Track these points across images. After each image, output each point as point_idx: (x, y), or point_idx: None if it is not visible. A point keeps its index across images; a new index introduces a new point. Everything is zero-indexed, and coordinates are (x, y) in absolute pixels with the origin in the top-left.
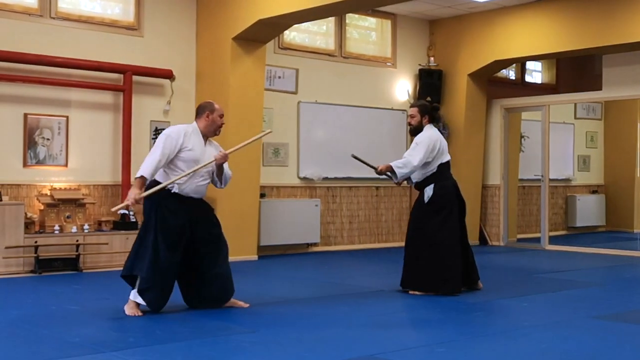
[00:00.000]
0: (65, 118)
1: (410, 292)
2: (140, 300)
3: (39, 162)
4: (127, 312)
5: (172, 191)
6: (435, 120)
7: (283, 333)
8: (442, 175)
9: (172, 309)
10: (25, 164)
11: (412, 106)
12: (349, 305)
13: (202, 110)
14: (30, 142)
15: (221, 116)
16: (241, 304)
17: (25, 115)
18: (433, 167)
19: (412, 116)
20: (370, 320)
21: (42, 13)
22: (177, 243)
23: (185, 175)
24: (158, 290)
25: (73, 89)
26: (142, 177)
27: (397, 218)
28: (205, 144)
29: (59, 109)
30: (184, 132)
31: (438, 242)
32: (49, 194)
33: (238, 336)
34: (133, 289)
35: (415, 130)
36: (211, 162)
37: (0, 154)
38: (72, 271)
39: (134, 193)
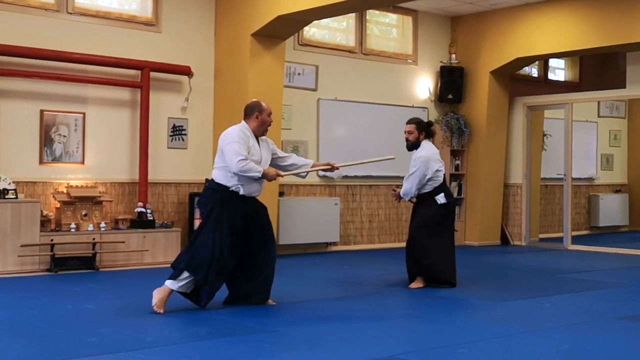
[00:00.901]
0: (82, 115)
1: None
2: (177, 287)
3: (55, 159)
4: (154, 299)
5: (240, 193)
6: (430, 135)
7: (303, 333)
8: (444, 183)
9: (190, 308)
10: (41, 161)
11: (409, 123)
12: (369, 305)
13: (250, 111)
14: (46, 139)
15: (270, 114)
16: (270, 302)
17: (42, 111)
18: (440, 178)
19: (409, 132)
20: (390, 321)
21: (59, 8)
22: (237, 245)
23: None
24: (212, 289)
25: (90, 85)
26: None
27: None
28: (259, 144)
29: (76, 106)
30: (247, 135)
31: (448, 241)
32: (65, 191)
33: (257, 336)
34: (172, 279)
35: (412, 146)
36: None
37: (16, 151)
38: (89, 270)
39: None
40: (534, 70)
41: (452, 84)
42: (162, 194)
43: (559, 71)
